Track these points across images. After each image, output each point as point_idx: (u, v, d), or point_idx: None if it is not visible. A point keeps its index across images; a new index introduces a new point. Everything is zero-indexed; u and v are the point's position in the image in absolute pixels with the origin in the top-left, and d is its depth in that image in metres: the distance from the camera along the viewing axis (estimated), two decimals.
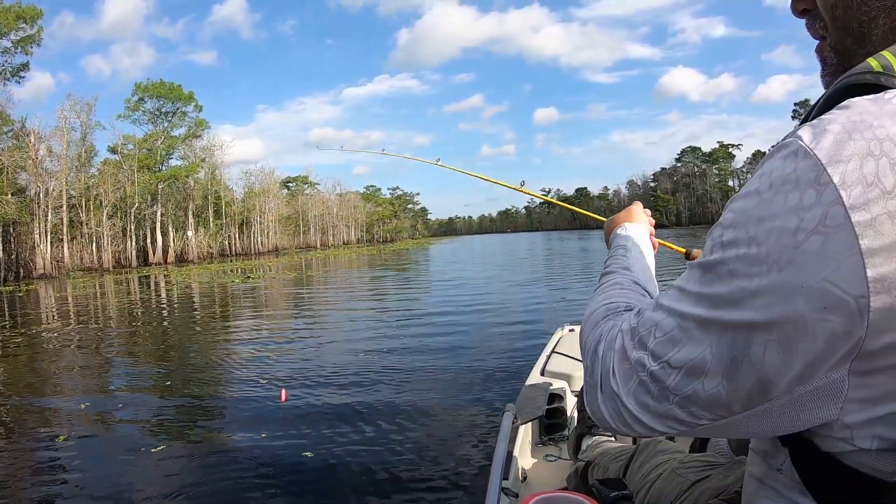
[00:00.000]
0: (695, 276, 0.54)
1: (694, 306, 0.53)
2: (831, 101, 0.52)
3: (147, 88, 57.00)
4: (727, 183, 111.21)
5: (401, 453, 3.89)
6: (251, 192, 73.28)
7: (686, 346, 0.53)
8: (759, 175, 0.51)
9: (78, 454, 4.18)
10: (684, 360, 0.52)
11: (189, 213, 57.98)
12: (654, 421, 0.57)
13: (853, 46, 0.56)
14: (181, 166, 57.73)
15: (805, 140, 0.47)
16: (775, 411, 0.51)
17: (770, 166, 0.50)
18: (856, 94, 0.50)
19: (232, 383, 6.21)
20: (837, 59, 0.59)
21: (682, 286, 0.56)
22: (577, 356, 2.84)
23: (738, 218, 0.51)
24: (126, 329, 11.41)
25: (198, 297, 17.84)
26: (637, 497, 1.32)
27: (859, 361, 0.46)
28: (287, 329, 10.21)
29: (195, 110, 59.87)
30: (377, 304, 13.75)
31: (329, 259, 43.09)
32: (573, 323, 3.55)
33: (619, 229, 1.03)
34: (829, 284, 0.44)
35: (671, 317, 0.55)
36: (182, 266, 43.70)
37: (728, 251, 0.51)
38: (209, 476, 3.64)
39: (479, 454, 3.75)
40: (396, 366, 6.46)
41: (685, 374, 0.52)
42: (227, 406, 5.33)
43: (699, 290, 0.53)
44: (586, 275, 17.80)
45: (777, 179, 0.48)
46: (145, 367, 7.55)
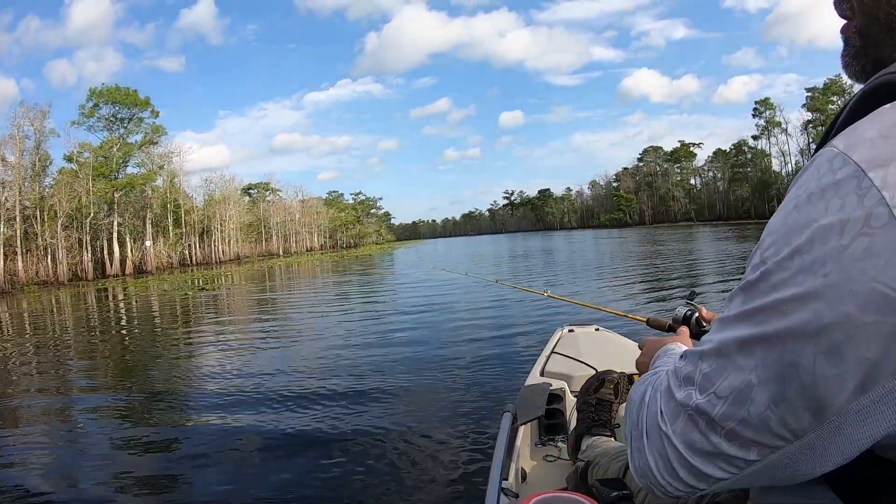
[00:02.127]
0: (736, 300, 0.53)
1: (736, 328, 0.52)
2: (866, 99, 0.52)
3: (102, 94, 55.19)
4: (689, 181, 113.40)
5: (400, 454, 3.91)
6: (211, 200, 71.86)
7: (732, 372, 0.51)
8: (796, 189, 0.51)
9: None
10: (730, 388, 0.51)
11: (147, 222, 56.46)
12: (702, 462, 0.54)
13: (879, 34, 0.56)
14: (138, 174, 56.13)
15: (841, 148, 0.48)
16: (835, 434, 0.48)
17: (807, 178, 0.50)
18: (889, 93, 0.50)
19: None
20: (861, 43, 0.58)
21: (722, 316, 0.55)
22: (577, 356, 2.87)
23: (778, 233, 0.50)
24: (74, 351, 10.80)
25: (142, 314, 17.28)
26: (637, 497, 1.34)
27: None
28: (273, 333, 10.00)
29: (152, 116, 58.23)
30: (367, 306, 13.74)
31: (292, 266, 42.51)
32: (573, 323, 3.59)
33: (672, 345, 0.95)
34: (879, 285, 0.44)
35: (715, 347, 0.54)
36: (140, 278, 42.48)
37: (769, 265, 0.50)
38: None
39: (478, 454, 3.76)
40: (394, 366, 6.49)
41: (731, 402, 0.51)
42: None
43: (740, 310, 0.52)
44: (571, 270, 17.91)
45: (816, 189, 0.48)
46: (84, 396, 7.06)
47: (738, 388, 0.51)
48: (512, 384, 5.16)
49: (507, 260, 31.08)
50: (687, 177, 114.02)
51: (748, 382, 0.50)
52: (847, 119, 0.53)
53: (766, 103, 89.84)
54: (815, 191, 0.48)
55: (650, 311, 9.18)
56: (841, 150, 0.48)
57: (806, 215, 0.48)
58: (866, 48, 0.58)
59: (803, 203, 0.49)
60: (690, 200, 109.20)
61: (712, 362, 0.54)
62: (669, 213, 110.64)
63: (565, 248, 38.91)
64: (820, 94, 78.15)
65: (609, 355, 2.83)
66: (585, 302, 2.48)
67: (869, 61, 0.57)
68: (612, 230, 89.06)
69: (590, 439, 1.91)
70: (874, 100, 0.50)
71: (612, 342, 3.21)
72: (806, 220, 0.48)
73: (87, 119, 54.57)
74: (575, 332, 3.38)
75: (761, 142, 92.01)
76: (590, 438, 1.92)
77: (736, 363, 0.51)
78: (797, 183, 0.51)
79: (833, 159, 0.48)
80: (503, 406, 2.16)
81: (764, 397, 0.49)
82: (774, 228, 0.51)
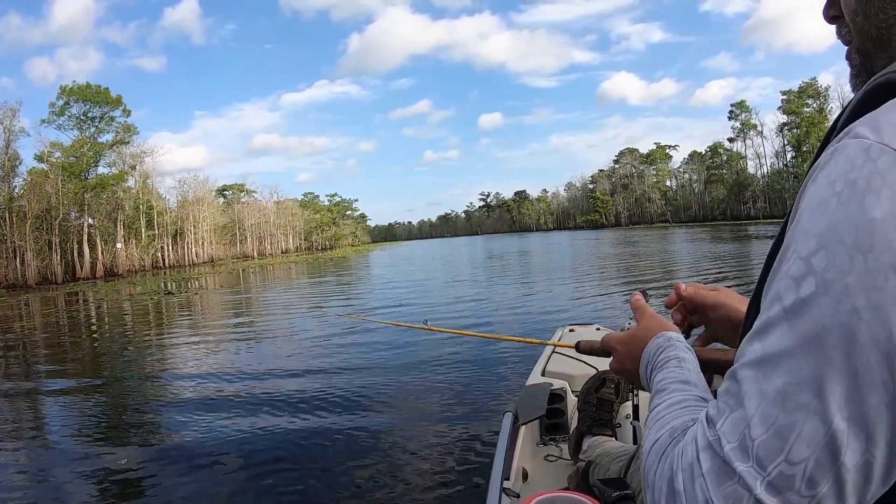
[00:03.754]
0: (778, 329, 0.46)
1: (792, 362, 0.44)
2: (868, 97, 0.51)
3: (73, 91, 53.77)
4: (665, 183, 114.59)
5: (401, 455, 3.92)
6: (185, 202, 70.82)
7: (805, 422, 0.43)
8: (824, 186, 0.47)
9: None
10: (810, 444, 0.43)
11: (118, 224, 55.39)
12: None
13: (873, 50, 0.57)
14: (109, 174, 55.02)
15: (873, 137, 0.46)
16: None
17: (837, 172, 0.46)
18: (891, 91, 0.50)
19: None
20: (860, 62, 0.60)
21: (758, 357, 0.47)
22: (578, 356, 2.84)
23: (824, 234, 0.45)
24: (41, 358, 10.39)
25: (112, 319, 16.93)
26: (639, 497, 1.35)
27: None
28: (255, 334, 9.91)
29: (123, 115, 56.83)
30: (358, 308, 13.65)
31: (266, 269, 42.05)
32: (573, 323, 3.61)
33: (658, 338, 0.79)
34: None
35: (766, 398, 0.45)
36: (111, 281, 41.60)
37: (826, 273, 0.44)
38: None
39: (479, 454, 3.78)
40: (394, 366, 6.50)
41: (816, 463, 0.42)
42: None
43: (796, 340, 0.44)
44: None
45: (857, 180, 0.45)
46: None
47: (821, 438, 0.42)
48: (513, 384, 5.20)
49: (483, 261, 31.15)
50: (663, 178, 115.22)
51: (833, 426, 0.42)
52: (849, 119, 0.52)
53: (742, 106, 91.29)
54: (857, 182, 0.44)
55: (604, 316, 9.28)
56: (873, 139, 0.45)
57: (856, 210, 0.44)
58: (865, 66, 0.59)
59: (847, 198, 0.44)
60: (666, 202, 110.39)
61: (769, 418, 0.44)
62: (645, 214, 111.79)
63: (538, 249, 39.11)
64: (795, 96, 79.59)
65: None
66: (468, 331, 2.32)
67: (869, 77, 0.57)
68: (588, 232, 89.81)
69: (591, 439, 1.92)
70: (875, 99, 0.50)
71: None
72: (858, 215, 0.43)
73: (57, 117, 53.34)
74: (576, 332, 3.41)
75: (737, 144, 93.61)
76: (591, 438, 1.92)
77: (808, 406, 0.43)
78: (820, 180, 0.48)
79: (868, 149, 0.45)
80: (504, 406, 2.17)
81: (860, 433, 0.42)
82: (814, 231, 0.46)
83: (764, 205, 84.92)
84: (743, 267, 16.60)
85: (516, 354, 6.66)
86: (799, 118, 77.91)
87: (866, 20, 0.56)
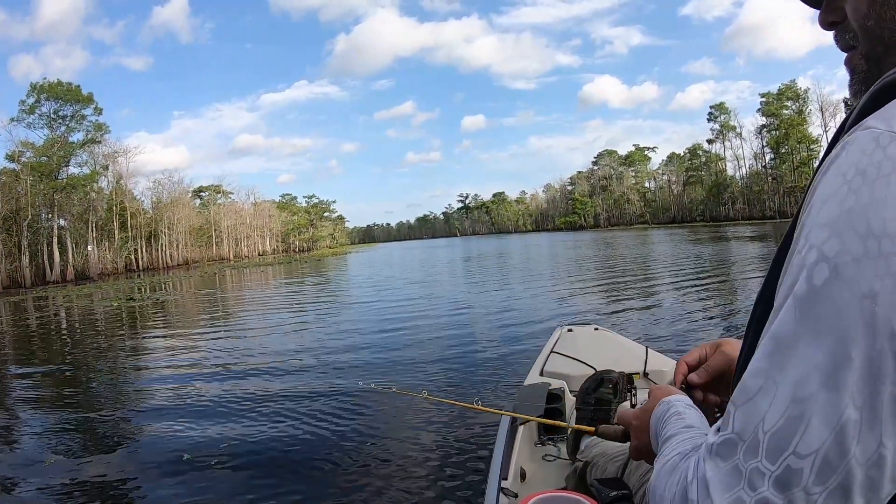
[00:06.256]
0: (788, 318, 0.45)
1: (807, 352, 0.43)
2: (876, 95, 0.52)
3: (43, 89, 52.78)
4: (644, 184, 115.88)
5: (400, 454, 3.91)
6: (160, 203, 69.87)
7: (815, 412, 0.42)
8: (837, 174, 0.47)
9: None
10: (820, 435, 0.41)
11: (90, 225, 54.41)
12: None
13: (884, 55, 0.57)
14: (80, 174, 54.08)
15: (884, 127, 0.46)
16: None
17: (849, 161, 0.46)
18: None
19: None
20: (868, 67, 0.59)
21: (771, 348, 0.46)
22: (576, 356, 2.89)
23: (837, 221, 0.44)
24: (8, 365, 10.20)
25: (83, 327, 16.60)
26: (636, 497, 1.36)
27: None
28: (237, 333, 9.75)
29: (95, 113, 55.92)
30: (352, 307, 13.71)
31: (242, 273, 41.51)
32: (572, 323, 3.63)
33: (659, 407, 0.80)
34: None
35: (778, 388, 0.44)
36: (82, 284, 40.70)
37: (840, 258, 0.43)
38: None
39: (477, 454, 3.76)
40: (393, 366, 6.51)
41: (825, 456, 0.41)
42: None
43: (811, 327, 0.43)
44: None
45: (869, 167, 0.44)
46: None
47: (831, 429, 0.41)
48: (511, 383, 5.19)
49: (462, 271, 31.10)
50: (642, 180, 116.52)
51: (844, 414, 0.41)
52: (858, 117, 0.52)
53: (721, 107, 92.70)
54: (867, 170, 0.44)
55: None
56: (883, 128, 0.46)
57: (867, 196, 0.43)
58: (873, 70, 0.58)
59: (858, 186, 0.44)
60: (645, 203, 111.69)
61: (778, 411, 0.43)
62: (624, 215, 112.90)
63: (517, 250, 39.34)
64: (774, 99, 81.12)
65: (608, 355, 2.86)
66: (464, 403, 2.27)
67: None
68: (567, 233, 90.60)
69: (589, 439, 1.89)
70: (883, 98, 0.50)
71: (611, 342, 3.24)
72: (869, 201, 0.43)
73: (26, 115, 52.22)
74: (574, 332, 3.40)
75: (716, 146, 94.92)
76: (589, 438, 1.90)
77: (818, 397, 0.42)
78: (831, 172, 0.48)
79: (878, 137, 0.45)
80: (502, 406, 2.15)
81: (873, 426, 0.40)
82: (826, 220, 0.45)
83: (743, 206, 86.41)
84: (722, 265, 16.91)
85: (516, 354, 6.67)
86: (778, 120, 79.52)
87: (879, 24, 0.56)
